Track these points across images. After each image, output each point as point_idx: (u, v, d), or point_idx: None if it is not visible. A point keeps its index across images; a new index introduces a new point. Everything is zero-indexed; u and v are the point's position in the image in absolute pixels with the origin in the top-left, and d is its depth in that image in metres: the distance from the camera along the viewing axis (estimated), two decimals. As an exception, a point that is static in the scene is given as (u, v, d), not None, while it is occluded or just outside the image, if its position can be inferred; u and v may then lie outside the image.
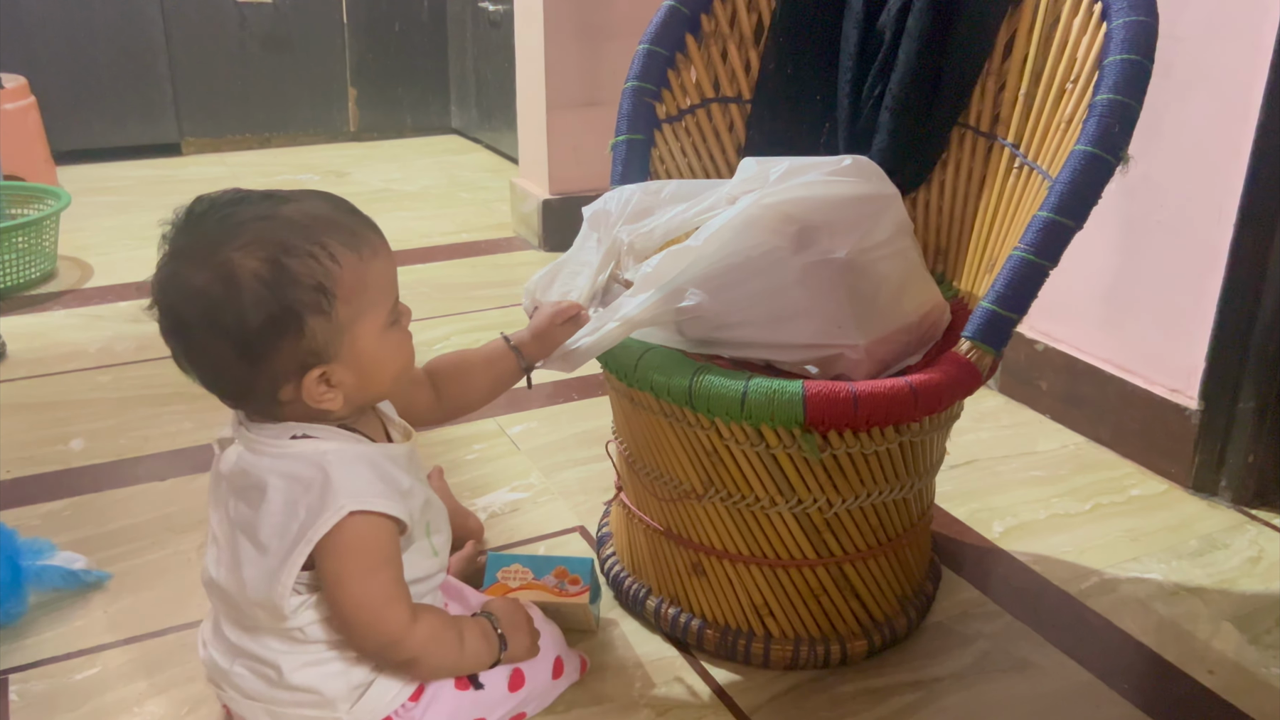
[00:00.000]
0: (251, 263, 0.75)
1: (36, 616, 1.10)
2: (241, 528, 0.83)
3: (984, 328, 0.94)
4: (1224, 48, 1.26)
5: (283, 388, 0.79)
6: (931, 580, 1.15)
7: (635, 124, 1.20)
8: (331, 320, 0.78)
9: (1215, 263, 1.31)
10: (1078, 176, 0.93)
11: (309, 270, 0.76)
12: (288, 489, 0.80)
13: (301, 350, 0.77)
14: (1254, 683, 1.03)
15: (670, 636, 1.08)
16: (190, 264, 0.76)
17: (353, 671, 0.85)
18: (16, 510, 1.29)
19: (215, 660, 0.88)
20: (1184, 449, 1.37)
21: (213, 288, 0.75)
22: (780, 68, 1.27)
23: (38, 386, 1.65)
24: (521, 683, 0.94)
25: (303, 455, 0.81)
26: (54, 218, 2.10)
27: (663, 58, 1.23)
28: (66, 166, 2.87)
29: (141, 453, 1.44)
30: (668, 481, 1.02)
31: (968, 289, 1.16)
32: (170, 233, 0.79)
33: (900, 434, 0.95)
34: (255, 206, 0.78)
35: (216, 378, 0.80)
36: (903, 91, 1.18)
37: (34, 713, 0.97)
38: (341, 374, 0.80)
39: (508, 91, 2.84)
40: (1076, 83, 1.03)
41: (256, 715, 0.86)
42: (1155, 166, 1.36)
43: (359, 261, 0.79)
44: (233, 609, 0.86)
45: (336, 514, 0.79)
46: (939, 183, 1.21)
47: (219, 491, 0.86)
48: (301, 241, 0.76)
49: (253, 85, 3.22)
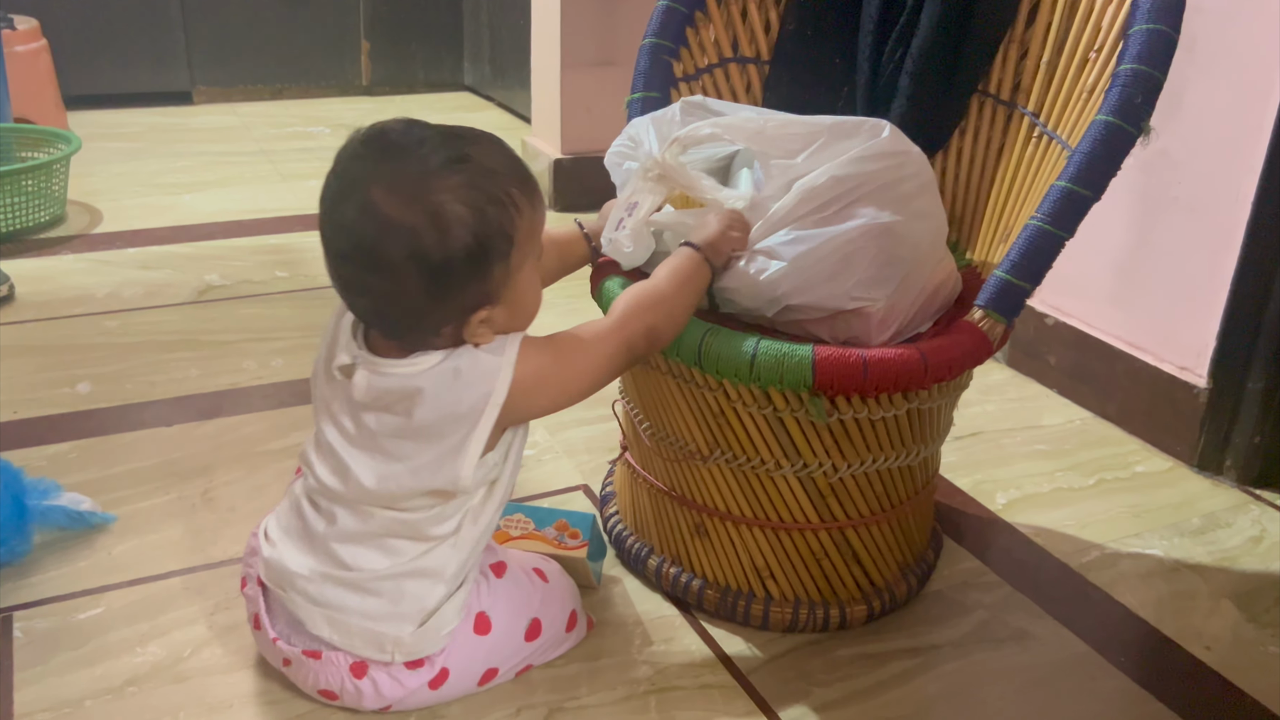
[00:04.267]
0: (460, 208, 0.78)
1: (41, 556, 1.11)
2: (391, 435, 0.85)
3: (997, 297, 0.94)
4: (1249, 23, 1.24)
5: (450, 322, 0.83)
6: (933, 549, 1.15)
7: (651, 81, 1.19)
8: (508, 265, 0.82)
9: (1230, 242, 1.30)
10: (1097, 147, 0.92)
11: (505, 218, 0.80)
12: (443, 384, 0.83)
13: (480, 292, 0.82)
14: (1251, 659, 1.04)
15: (671, 596, 1.08)
16: (395, 198, 0.78)
17: (430, 594, 0.88)
18: (23, 450, 1.30)
19: (284, 562, 0.90)
20: (1190, 427, 1.37)
21: (420, 224, 0.78)
22: (800, 29, 1.25)
23: (45, 329, 1.65)
24: (538, 633, 0.95)
25: (435, 360, 0.84)
26: (64, 162, 2.09)
27: (682, 15, 1.22)
28: (77, 112, 2.86)
29: (148, 398, 1.44)
30: (673, 442, 1.02)
31: (981, 258, 1.15)
32: (350, 160, 0.81)
33: (908, 401, 0.95)
34: (448, 147, 0.81)
35: (390, 309, 0.82)
36: (923, 57, 1.16)
37: (37, 650, 0.98)
38: (499, 314, 0.84)
39: (522, 49, 2.82)
40: (1100, 52, 1.02)
41: (314, 619, 0.89)
42: (1174, 142, 1.35)
43: (531, 209, 0.84)
44: (353, 513, 0.88)
45: (508, 368, 0.83)
46: (956, 150, 1.20)
47: (342, 408, 0.87)
48: (498, 190, 0.80)
49: (266, 36, 3.19)
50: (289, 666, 0.92)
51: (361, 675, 0.89)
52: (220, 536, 1.15)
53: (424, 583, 0.88)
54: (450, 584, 0.89)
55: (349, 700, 0.90)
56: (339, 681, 0.89)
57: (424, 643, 0.89)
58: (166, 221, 2.15)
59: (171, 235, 2.07)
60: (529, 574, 0.98)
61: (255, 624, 0.94)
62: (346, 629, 0.88)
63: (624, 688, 0.96)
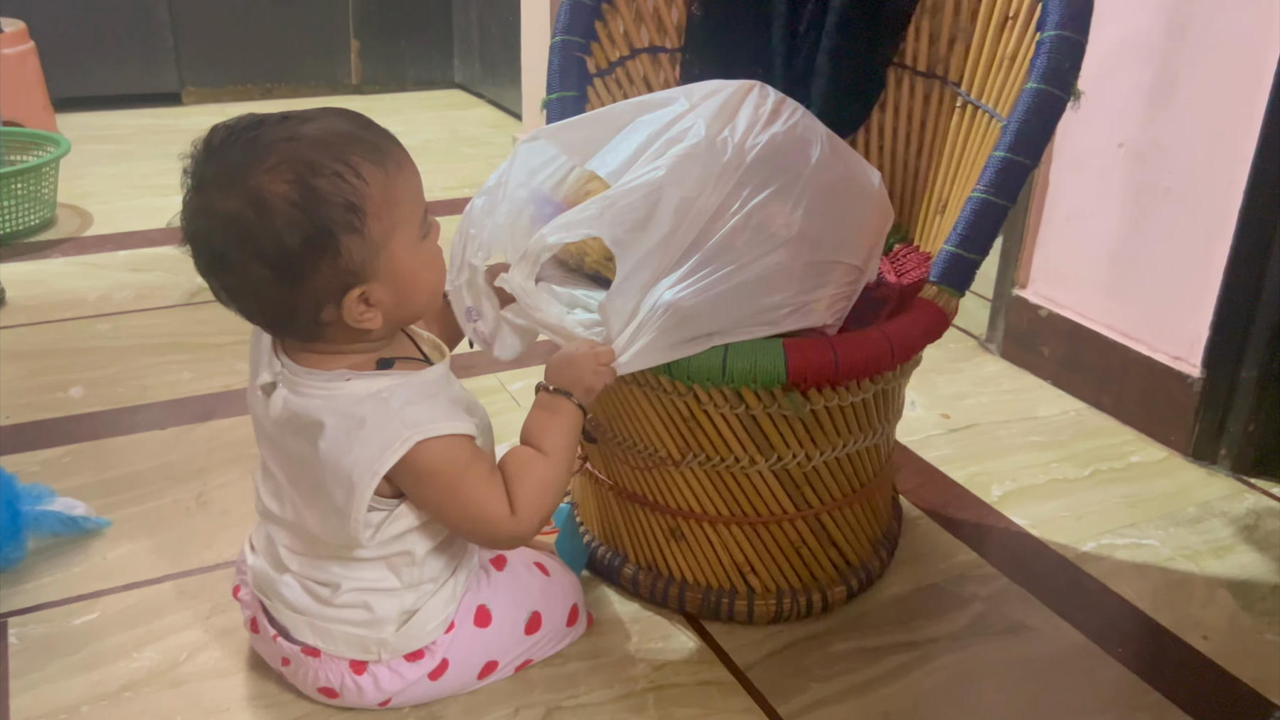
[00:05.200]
0: (280, 186, 0.74)
1: (35, 561, 1.10)
2: (303, 464, 0.83)
3: (949, 271, 0.95)
4: (1239, 12, 1.24)
5: (324, 309, 0.79)
6: (895, 519, 1.18)
7: (567, 80, 1.15)
8: (365, 238, 0.77)
9: (1223, 231, 1.30)
10: (1031, 114, 0.93)
11: (337, 189, 0.76)
12: (345, 427, 0.80)
13: (340, 270, 0.77)
14: (1247, 648, 1.04)
15: (650, 602, 1.07)
16: (218, 192, 0.76)
17: (406, 595, 0.87)
18: (16, 456, 1.29)
19: (265, 570, 0.90)
20: (1185, 417, 1.37)
21: (245, 214, 0.75)
22: (707, 15, 1.23)
23: (37, 334, 1.64)
24: (538, 626, 0.95)
25: (355, 394, 0.81)
26: (53, 164, 2.08)
27: (589, 8, 1.19)
28: (66, 114, 2.85)
29: (141, 401, 1.44)
30: (641, 450, 1.00)
31: (916, 230, 1.16)
32: (191, 166, 0.78)
33: (875, 384, 0.96)
34: (275, 128, 0.77)
35: (259, 306, 0.80)
36: (840, 33, 1.17)
37: (32, 656, 0.98)
38: (380, 292, 0.80)
39: (512, 46, 2.81)
40: (1016, 18, 1.02)
41: (298, 627, 0.89)
42: (1165, 132, 1.35)
43: (385, 176, 0.78)
44: (293, 537, 0.88)
45: (403, 445, 0.80)
46: (878, 125, 1.21)
47: (269, 431, 0.86)
48: (327, 160, 0.76)
49: (254, 35, 3.18)
50: (288, 666, 0.92)
51: (362, 671, 0.89)
52: (215, 540, 1.15)
53: (389, 597, 0.87)
54: (422, 588, 0.88)
55: (349, 697, 0.90)
56: (339, 678, 0.89)
57: (409, 640, 0.88)
58: (158, 224, 2.14)
59: (163, 237, 2.06)
60: (529, 567, 0.98)
61: (253, 627, 0.94)
62: (329, 635, 0.88)
63: (622, 685, 0.96)
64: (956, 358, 1.64)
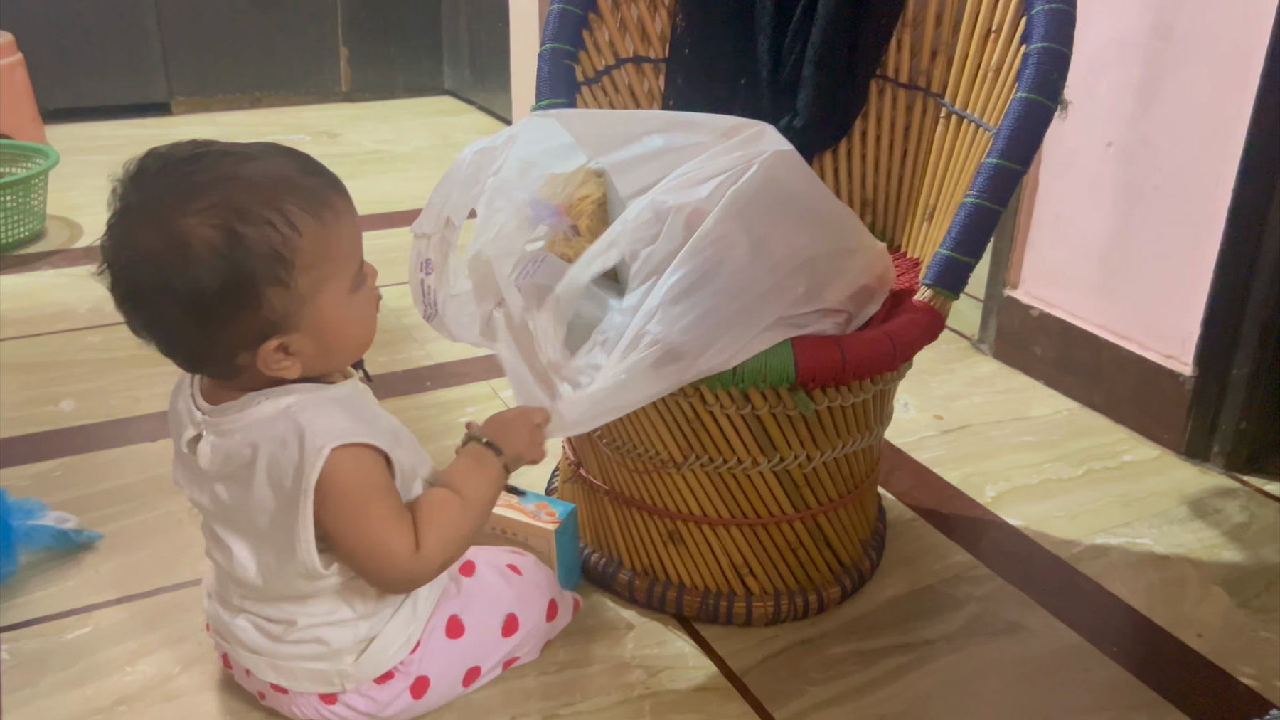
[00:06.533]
0: (205, 230, 0.71)
1: (27, 576, 1.10)
2: (245, 508, 0.81)
3: (944, 274, 0.97)
4: (1225, 11, 1.25)
5: (239, 355, 0.77)
6: (880, 519, 1.19)
7: (557, 88, 1.15)
8: (291, 291, 0.74)
9: (1212, 229, 1.30)
10: (1021, 123, 0.96)
11: (266, 238, 0.72)
12: (270, 453, 0.78)
13: (259, 321, 0.75)
14: (1242, 646, 1.04)
15: (646, 607, 1.07)
16: (142, 226, 0.73)
17: (360, 624, 0.86)
18: (6, 470, 1.29)
19: (219, 613, 0.89)
20: (1177, 415, 1.38)
21: (166, 254, 0.72)
22: (690, 26, 1.24)
23: (27, 347, 1.63)
24: (515, 628, 0.95)
25: (268, 415, 0.79)
26: (42, 176, 2.08)
27: (576, 16, 1.19)
28: (55, 125, 2.84)
29: (132, 414, 1.43)
30: (642, 453, 1.00)
31: (901, 237, 1.18)
32: (120, 188, 0.75)
33: (875, 384, 0.98)
34: (213, 166, 0.74)
35: (172, 344, 0.78)
36: (825, 45, 1.18)
37: (26, 672, 0.97)
38: (301, 343, 0.77)
39: (501, 52, 2.81)
40: (999, 32, 1.05)
41: (259, 667, 0.87)
42: (1154, 131, 1.35)
43: (320, 227, 0.75)
44: (239, 585, 0.86)
45: (319, 456, 0.76)
46: (860, 132, 1.23)
47: (205, 501, 0.84)
48: (259, 207, 0.72)
49: (243, 44, 3.17)
50: (265, 699, 0.91)
51: (333, 701, 0.87)
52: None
53: (341, 628, 0.85)
54: (379, 614, 0.87)
55: None
56: (313, 711, 0.88)
57: (371, 667, 0.87)
58: (147, 234, 2.13)
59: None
60: (500, 571, 0.97)
61: (226, 663, 0.93)
62: (290, 673, 0.87)
63: (618, 692, 0.96)
64: (949, 359, 1.64)
